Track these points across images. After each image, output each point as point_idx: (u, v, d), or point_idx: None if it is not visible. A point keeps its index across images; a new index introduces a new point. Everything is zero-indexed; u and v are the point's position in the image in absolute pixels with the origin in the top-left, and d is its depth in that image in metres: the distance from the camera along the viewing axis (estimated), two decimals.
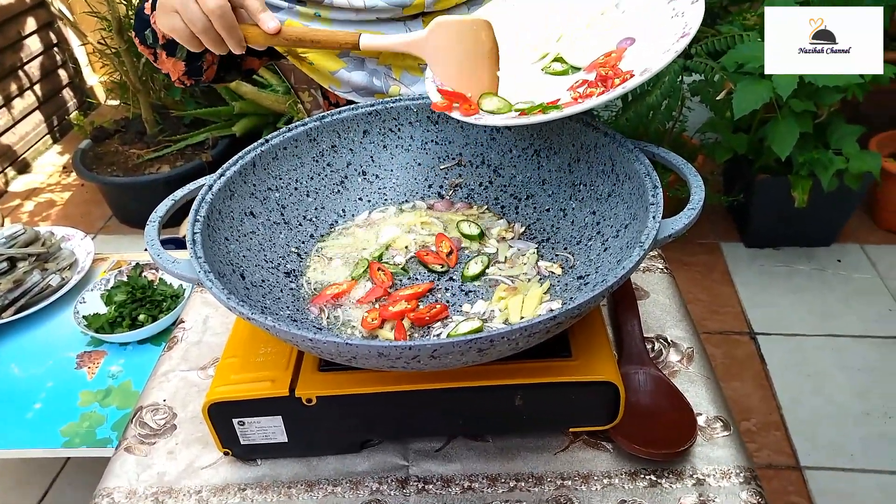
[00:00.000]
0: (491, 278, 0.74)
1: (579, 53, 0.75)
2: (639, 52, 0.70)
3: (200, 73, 0.90)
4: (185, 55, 0.86)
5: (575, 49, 0.76)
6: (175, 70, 0.89)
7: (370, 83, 0.91)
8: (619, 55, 0.71)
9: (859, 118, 1.87)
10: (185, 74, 0.89)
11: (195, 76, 0.91)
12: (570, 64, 0.75)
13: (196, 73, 0.90)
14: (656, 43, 0.68)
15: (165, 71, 0.90)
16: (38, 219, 2.59)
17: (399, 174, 0.86)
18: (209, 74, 0.92)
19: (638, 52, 0.70)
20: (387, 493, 0.67)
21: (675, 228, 0.61)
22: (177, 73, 0.89)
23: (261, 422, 0.67)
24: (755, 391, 1.71)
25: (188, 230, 0.65)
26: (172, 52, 0.86)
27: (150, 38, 0.85)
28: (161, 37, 0.83)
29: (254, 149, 0.77)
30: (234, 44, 0.73)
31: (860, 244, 2.14)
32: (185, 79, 0.90)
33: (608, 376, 0.64)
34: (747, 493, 0.64)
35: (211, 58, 0.90)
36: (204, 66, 0.90)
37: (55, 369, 1.23)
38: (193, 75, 0.90)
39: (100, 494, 0.69)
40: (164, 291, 1.33)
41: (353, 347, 0.52)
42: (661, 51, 0.66)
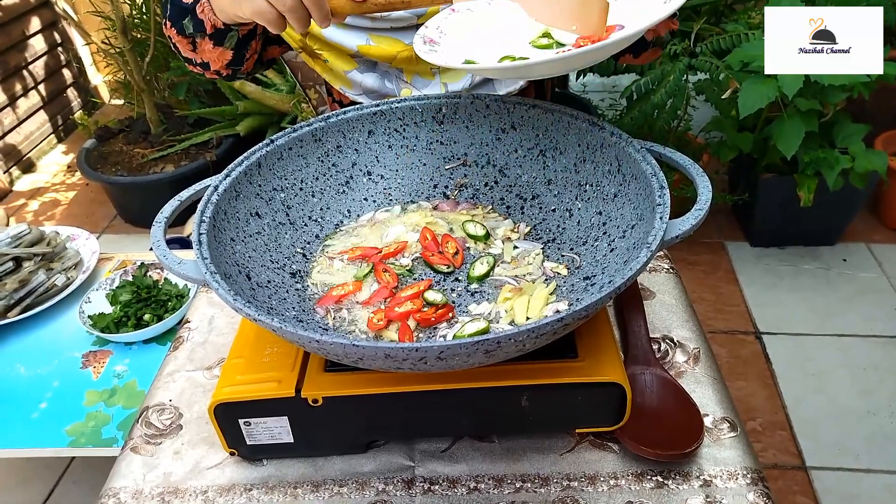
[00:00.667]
0: (496, 279, 0.74)
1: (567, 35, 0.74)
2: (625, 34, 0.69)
3: (242, 63, 0.87)
4: (234, 44, 0.82)
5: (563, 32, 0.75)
6: (219, 60, 0.85)
7: (381, 86, 0.91)
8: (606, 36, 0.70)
9: (865, 117, 1.86)
10: (226, 65, 0.85)
11: (236, 66, 0.87)
12: (555, 39, 0.74)
13: (238, 62, 0.86)
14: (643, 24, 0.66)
15: (203, 60, 0.86)
16: (42, 218, 2.60)
17: (404, 174, 0.86)
18: (248, 65, 0.89)
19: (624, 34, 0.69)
20: (392, 493, 0.67)
21: (682, 229, 0.61)
22: (219, 63, 0.85)
23: (267, 422, 0.67)
24: (760, 391, 1.71)
25: (194, 231, 0.65)
26: (220, 41, 0.82)
27: (191, 26, 0.81)
28: (210, 26, 0.79)
29: (259, 149, 0.77)
30: (321, 17, 0.69)
31: (866, 243, 2.13)
32: (223, 69, 0.87)
33: (614, 377, 0.63)
34: (754, 495, 0.63)
35: (255, 45, 0.86)
36: (247, 56, 0.86)
37: (61, 369, 1.24)
38: (234, 65, 0.87)
39: (106, 494, 0.70)
40: (169, 291, 1.33)
41: (359, 349, 0.52)
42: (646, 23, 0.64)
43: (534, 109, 0.81)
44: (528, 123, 0.82)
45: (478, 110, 0.83)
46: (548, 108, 0.80)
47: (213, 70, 0.88)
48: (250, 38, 0.82)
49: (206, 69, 0.88)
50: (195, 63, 0.87)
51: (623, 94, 1.95)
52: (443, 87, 0.90)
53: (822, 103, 1.71)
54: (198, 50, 0.84)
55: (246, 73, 0.92)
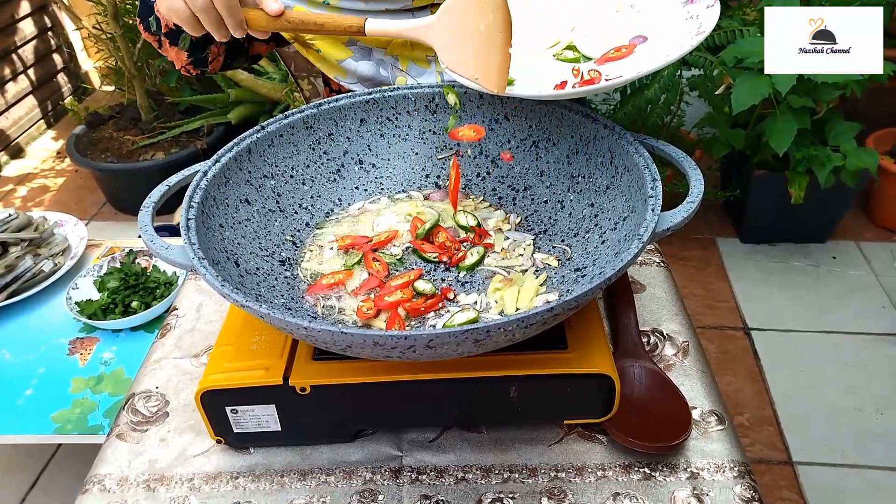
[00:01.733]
0: (486, 269, 0.73)
1: (592, 45, 0.75)
2: (650, 49, 0.70)
3: (206, 64, 0.88)
4: (187, 45, 0.83)
5: (588, 40, 0.76)
6: (178, 59, 0.86)
7: (376, 73, 0.90)
8: (630, 50, 0.71)
9: (857, 115, 1.87)
10: (189, 64, 0.87)
11: (200, 66, 0.88)
12: (581, 53, 0.75)
13: (201, 63, 0.87)
14: (668, 41, 0.68)
15: (171, 59, 0.87)
16: (31, 204, 2.58)
17: (396, 163, 0.85)
18: (215, 66, 0.89)
19: (650, 50, 0.70)
20: (380, 482, 0.66)
21: (673, 221, 0.61)
22: (181, 63, 0.87)
23: (254, 410, 0.66)
24: (748, 386, 1.71)
25: (182, 216, 0.65)
26: (175, 40, 0.83)
27: (154, 24, 0.82)
28: (164, 25, 0.81)
29: (250, 135, 0.76)
30: (235, 25, 0.70)
31: (855, 241, 2.14)
32: (190, 68, 0.88)
33: (604, 369, 0.63)
34: (741, 488, 0.64)
35: (216, 49, 0.87)
36: (209, 58, 0.87)
37: (47, 355, 1.23)
38: (199, 66, 0.87)
39: (91, 481, 0.69)
40: (157, 279, 1.32)
41: (348, 336, 0.51)
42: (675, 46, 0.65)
43: (527, 100, 0.80)
44: (521, 114, 0.81)
45: (471, 100, 0.82)
46: (541, 100, 0.79)
47: (178, 68, 0.88)
48: (208, 40, 0.81)
49: (174, 65, 0.88)
50: (167, 59, 0.88)
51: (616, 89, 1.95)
52: (438, 76, 0.90)
53: (814, 101, 1.72)
54: (162, 48, 0.86)
55: (217, 71, 0.92)
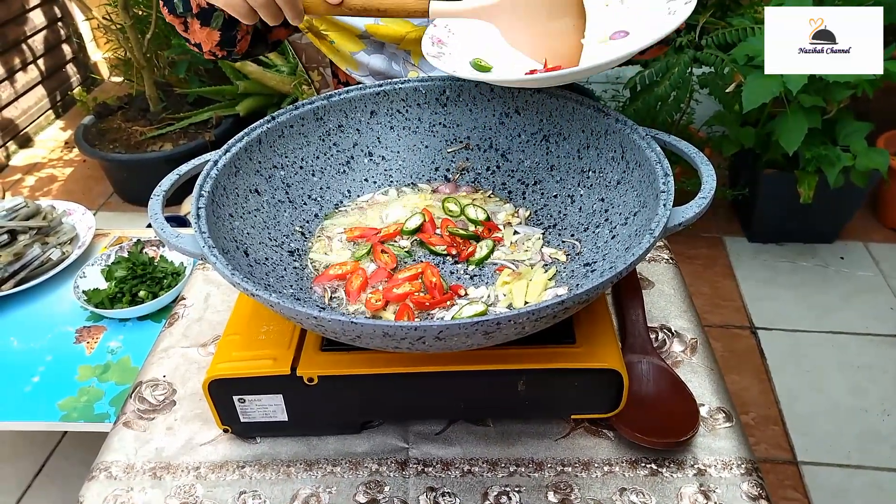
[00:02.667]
0: (495, 262, 0.73)
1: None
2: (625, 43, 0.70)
3: (234, 44, 0.86)
4: (220, 24, 0.81)
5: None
6: (209, 40, 0.84)
7: (388, 68, 0.89)
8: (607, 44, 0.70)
9: (868, 116, 1.86)
10: (217, 45, 0.85)
11: (228, 47, 0.86)
12: None
13: (230, 43, 0.85)
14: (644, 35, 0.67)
15: (196, 41, 0.85)
16: (39, 194, 2.58)
17: (406, 156, 0.85)
18: (242, 46, 0.88)
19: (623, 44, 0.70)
20: (386, 474, 0.66)
21: (685, 217, 0.61)
22: (210, 44, 0.85)
23: (261, 400, 0.66)
24: (754, 385, 1.71)
25: (192, 205, 0.64)
26: (207, 21, 0.81)
27: (181, 6, 0.80)
28: (195, 5, 0.79)
29: (260, 125, 0.76)
30: (294, 14, 0.69)
31: (864, 242, 2.13)
32: (217, 50, 0.86)
33: (612, 364, 0.63)
34: (748, 485, 0.63)
35: (245, 27, 0.85)
36: (238, 37, 0.85)
37: (54, 343, 1.23)
38: (227, 46, 0.86)
39: (97, 468, 0.69)
40: (165, 268, 1.32)
41: (358, 326, 0.51)
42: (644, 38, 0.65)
43: (538, 94, 0.80)
44: (532, 108, 0.81)
45: (482, 93, 0.82)
46: (552, 93, 0.79)
47: (206, 51, 0.86)
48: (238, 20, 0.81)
49: (200, 50, 0.87)
50: (191, 43, 0.86)
51: (627, 86, 1.94)
52: None
53: (825, 100, 1.71)
54: (189, 31, 0.84)
55: (242, 54, 0.90)
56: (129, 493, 0.66)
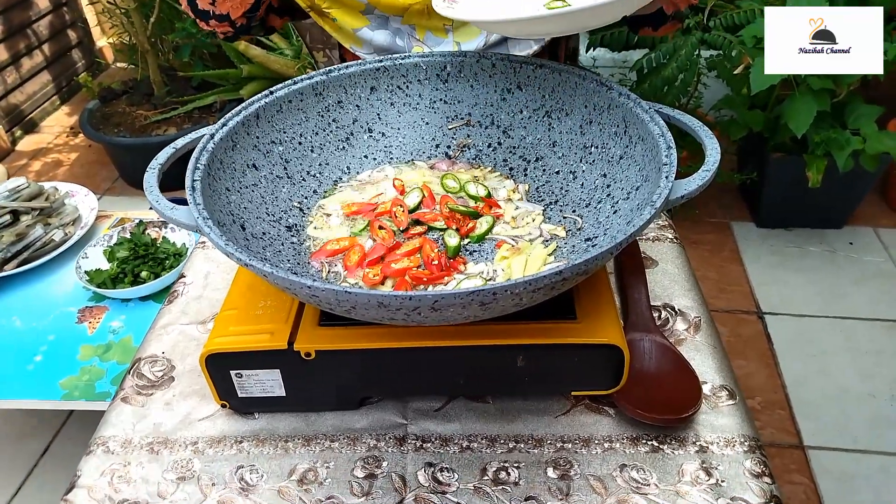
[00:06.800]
0: (494, 238, 0.72)
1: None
2: None
3: (259, 7, 0.85)
4: None
5: None
6: (242, 6, 0.83)
7: (393, 43, 0.88)
8: None
9: (879, 98, 1.83)
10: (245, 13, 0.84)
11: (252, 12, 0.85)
12: (567, 2, 0.73)
13: (256, 7, 0.84)
14: None
15: (222, 12, 0.84)
16: (44, 178, 2.59)
17: (406, 133, 0.84)
18: (261, 13, 0.87)
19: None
20: (384, 449, 0.66)
21: (688, 189, 0.60)
22: (241, 9, 0.83)
23: (259, 375, 0.66)
24: (760, 370, 1.70)
25: (187, 177, 0.64)
26: None
27: None
28: None
29: (258, 100, 0.75)
30: None
31: (873, 227, 2.11)
32: (239, 20, 0.85)
33: (613, 339, 0.62)
34: (751, 462, 0.62)
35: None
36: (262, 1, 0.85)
37: (56, 323, 1.23)
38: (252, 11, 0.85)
39: (95, 443, 0.69)
40: (167, 249, 1.32)
41: (352, 296, 0.50)
42: None
43: (541, 69, 0.78)
44: (534, 84, 0.80)
45: (483, 69, 0.81)
46: (555, 68, 0.78)
47: (231, 20, 0.85)
48: None
49: (222, 22, 0.85)
50: (212, 16, 0.85)
51: (634, 67, 1.92)
52: (455, 45, 0.88)
53: (835, 83, 1.68)
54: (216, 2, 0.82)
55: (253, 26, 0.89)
56: (126, 468, 0.66)
